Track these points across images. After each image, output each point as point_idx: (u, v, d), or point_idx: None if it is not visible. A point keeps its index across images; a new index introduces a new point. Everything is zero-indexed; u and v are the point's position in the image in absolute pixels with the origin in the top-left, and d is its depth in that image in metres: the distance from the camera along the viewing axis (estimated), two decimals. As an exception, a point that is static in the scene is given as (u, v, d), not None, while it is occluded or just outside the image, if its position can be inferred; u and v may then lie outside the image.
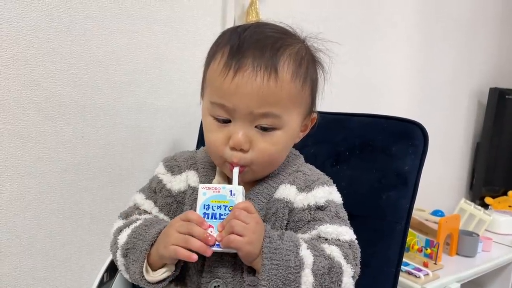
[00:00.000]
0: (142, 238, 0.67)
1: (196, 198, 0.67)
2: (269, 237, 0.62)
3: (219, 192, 0.64)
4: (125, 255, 0.69)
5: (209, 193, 0.64)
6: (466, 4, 2.10)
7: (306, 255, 0.62)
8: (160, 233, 0.66)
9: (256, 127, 0.66)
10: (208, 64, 0.70)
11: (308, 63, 0.70)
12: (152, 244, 0.66)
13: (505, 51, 2.43)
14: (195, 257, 0.61)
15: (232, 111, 0.66)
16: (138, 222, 0.71)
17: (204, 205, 0.64)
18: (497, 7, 2.31)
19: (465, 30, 2.13)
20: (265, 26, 0.70)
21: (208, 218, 0.63)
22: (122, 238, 0.70)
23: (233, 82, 0.64)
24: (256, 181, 0.73)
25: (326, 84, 0.76)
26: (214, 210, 0.64)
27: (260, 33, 0.67)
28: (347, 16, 1.56)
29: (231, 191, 0.64)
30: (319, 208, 0.70)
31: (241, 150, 0.66)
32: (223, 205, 0.64)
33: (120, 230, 0.72)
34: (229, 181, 0.73)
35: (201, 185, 0.65)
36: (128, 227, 0.71)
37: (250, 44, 0.65)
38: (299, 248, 0.62)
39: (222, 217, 0.63)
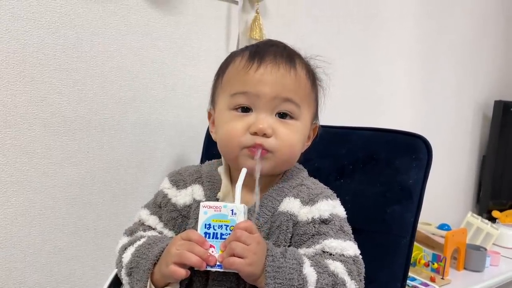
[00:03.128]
0: (145, 257, 0.67)
1: None
2: (272, 255, 0.62)
3: (220, 211, 0.63)
4: (129, 274, 0.69)
5: (210, 212, 0.63)
6: (469, 16, 2.11)
7: (310, 272, 0.62)
8: (163, 251, 0.66)
9: (276, 115, 0.69)
10: (223, 71, 0.74)
11: (313, 75, 0.76)
12: (156, 263, 0.66)
13: (510, 63, 2.43)
14: (188, 272, 0.62)
15: (254, 98, 0.68)
16: (142, 240, 0.71)
17: (206, 224, 0.63)
18: (500, 19, 2.32)
19: (469, 42, 2.13)
20: (273, 41, 0.77)
21: (209, 237, 0.62)
22: (126, 256, 0.70)
23: (258, 72, 0.68)
24: (260, 194, 0.73)
25: (328, 98, 0.79)
26: (215, 230, 0.63)
27: (272, 43, 0.75)
28: (350, 31, 1.57)
29: (232, 210, 0.63)
30: (323, 221, 0.70)
31: (264, 135, 0.68)
32: (224, 225, 0.63)
33: (124, 248, 0.72)
34: (234, 198, 0.73)
35: (202, 204, 0.64)
36: (132, 245, 0.71)
37: (267, 48, 0.72)
38: (303, 266, 0.62)
39: (223, 237, 0.62)
